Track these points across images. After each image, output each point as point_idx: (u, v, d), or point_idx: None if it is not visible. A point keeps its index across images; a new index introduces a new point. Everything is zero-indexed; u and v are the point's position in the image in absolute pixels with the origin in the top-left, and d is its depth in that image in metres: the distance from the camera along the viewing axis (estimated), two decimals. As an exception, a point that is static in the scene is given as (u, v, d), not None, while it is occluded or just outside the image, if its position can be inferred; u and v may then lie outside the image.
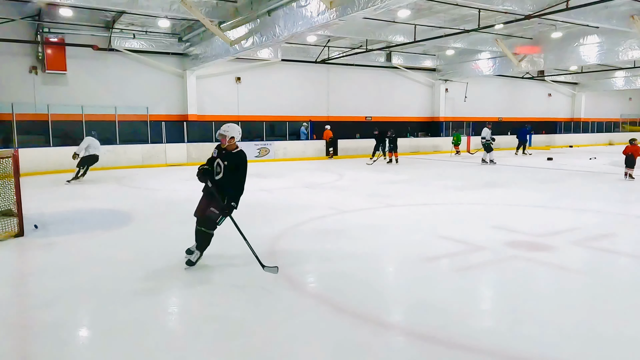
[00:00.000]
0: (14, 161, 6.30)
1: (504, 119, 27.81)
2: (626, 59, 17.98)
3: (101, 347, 3.34)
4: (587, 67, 25.94)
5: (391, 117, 23.99)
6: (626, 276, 5.02)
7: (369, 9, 9.41)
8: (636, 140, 11.99)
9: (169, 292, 4.46)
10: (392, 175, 13.76)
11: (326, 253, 5.65)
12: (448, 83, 25.34)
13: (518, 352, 3.22)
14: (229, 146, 4.83)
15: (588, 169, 15.17)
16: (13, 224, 6.31)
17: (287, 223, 7.18)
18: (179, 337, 3.50)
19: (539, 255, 5.47)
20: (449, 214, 8.21)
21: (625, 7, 13.75)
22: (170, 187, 11.61)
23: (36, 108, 15.67)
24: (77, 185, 11.77)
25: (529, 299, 4.19)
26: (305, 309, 3.99)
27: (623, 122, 34.00)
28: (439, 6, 14.37)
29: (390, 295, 4.45)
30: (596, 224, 7.30)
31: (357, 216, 7.96)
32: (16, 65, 15.81)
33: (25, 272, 5.18)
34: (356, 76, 22.86)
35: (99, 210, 8.43)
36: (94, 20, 16.08)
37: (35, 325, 3.69)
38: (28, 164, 12.47)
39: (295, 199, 9.77)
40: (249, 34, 13.48)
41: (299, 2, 11.23)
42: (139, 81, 17.91)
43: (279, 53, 18.66)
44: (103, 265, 5.18)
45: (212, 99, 19.54)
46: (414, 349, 3.34)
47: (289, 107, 21.19)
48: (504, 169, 15.49)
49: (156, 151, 16.88)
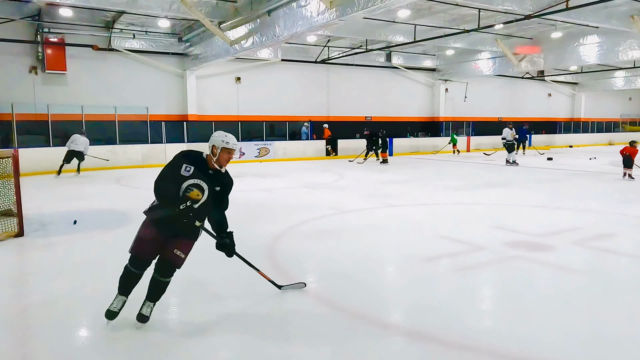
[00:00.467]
0: (14, 161, 6.30)
1: (504, 119, 27.76)
2: (626, 59, 17.96)
3: (101, 347, 3.34)
4: (587, 67, 25.92)
5: (391, 117, 23.99)
6: (626, 276, 5.02)
7: (369, 9, 9.41)
8: (636, 143, 12.02)
9: (168, 292, 4.45)
10: (392, 175, 13.76)
11: (326, 253, 5.65)
12: (448, 83, 25.33)
13: (518, 352, 3.22)
14: (219, 163, 3.51)
15: (588, 169, 15.17)
16: (13, 224, 6.31)
17: (287, 223, 7.17)
18: (179, 337, 3.50)
19: (539, 255, 5.47)
20: (449, 214, 8.21)
21: (625, 7, 13.74)
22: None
23: (36, 108, 15.65)
24: (77, 185, 11.77)
25: (529, 299, 4.19)
26: (305, 309, 3.99)
27: (623, 122, 33.98)
28: (439, 6, 14.36)
29: (390, 295, 4.45)
30: (596, 224, 7.30)
31: (357, 216, 7.96)
32: (16, 65, 15.79)
33: (25, 272, 5.18)
34: (356, 76, 22.85)
35: (99, 210, 8.42)
36: (93, 20, 16.07)
37: (35, 325, 3.69)
38: (28, 164, 12.46)
39: (295, 199, 9.77)
40: (249, 34, 13.47)
41: (299, 2, 11.23)
42: (139, 81, 17.89)
43: (279, 53, 18.65)
44: (103, 265, 5.17)
45: (212, 99, 19.53)
46: (414, 349, 3.34)
47: (289, 107, 21.18)
48: (504, 169, 15.49)
49: (156, 151, 16.87)
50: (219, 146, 3.48)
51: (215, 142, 3.49)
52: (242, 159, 18.38)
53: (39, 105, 15.75)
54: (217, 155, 3.49)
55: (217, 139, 3.50)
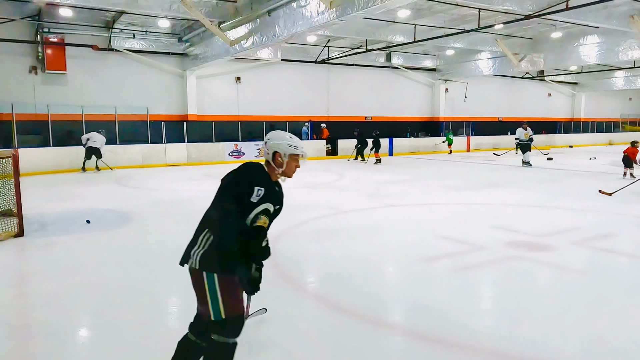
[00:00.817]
0: (14, 161, 6.30)
1: (504, 119, 27.81)
2: (626, 59, 17.98)
3: (101, 347, 3.34)
4: (587, 67, 25.93)
5: (391, 117, 23.99)
6: (626, 276, 5.02)
7: (369, 9, 9.41)
8: (637, 143, 12.06)
9: (168, 292, 4.46)
10: (392, 175, 13.76)
11: (326, 253, 5.65)
12: (448, 83, 25.33)
13: (518, 352, 3.22)
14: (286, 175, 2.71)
15: (588, 169, 15.17)
16: (13, 224, 6.31)
17: (286, 223, 7.16)
18: (179, 337, 3.49)
19: (539, 255, 5.47)
20: (449, 214, 8.21)
21: (625, 7, 13.74)
22: (170, 187, 11.60)
23: (36, 108, 15.65)
24: (77, 185, 11.78)
25: (529, 299, 4.19)
26: (305, 309, 3.99)
27: (623, 122, 33.99)
28: (439, 6, 14.36)
29: (390, 295, 4.44)
30: (596, 224, 7.30)
31: (357, 216, 7.96)
32: (16, 65, 15.80)
33: (25, 272, 5.18)
34: (356, 76, 22.86)
35: (99, 210, 8.42)
36: (93, 20, 16.07)
37: (35, 325, 3.69)
38: (28, 164, 12.47)
39: (295, 199, 9.75)
40: (248, 34, 13.47)
41: (299, 2, 11.23)
42: (139, 81, 17.90)
43: (279, 53, 18.64)
44: (103, 265, 5.18)
45: (212, 99, 19.53)
46: (414, 349, 3.34)
47: (289, 107, 21.19)
48: (504, 169, 15.49)
49: (156, 151, 16.87)
50: (286, 152, 2.59)
51: (280, 148, 2.59)
52: (242, 159, 18.39)
53: (39, 105, 15.74)
54: (283, 166, 2.61)
55: (281, 144, 2.59)
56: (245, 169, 2.54)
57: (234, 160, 18.17)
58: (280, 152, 2.59)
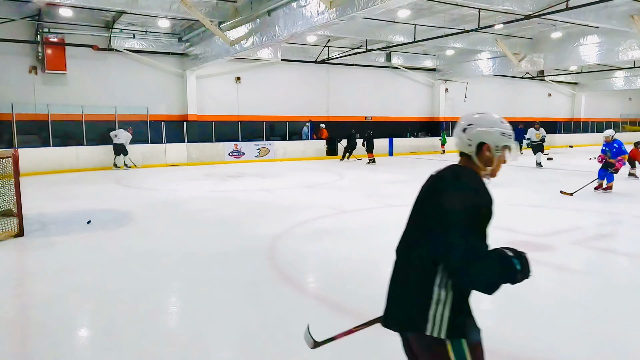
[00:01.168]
0: (14, 161, 6.30)
1: (504, 119, 27.77)
2: (626, 59, 17.97)
3: (101, 347, 3.34)
4: (587, 67, 25.92)
5: (391, 117, 23.99)
6: (626, 276, 5.02)
7: (369, 9, 9.41)
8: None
9: (168, 292, 4.46)
10: (392, 175, 13.76)
11: (326, 253, 5.64)
12: (448, 83, 25.33)
13: (518, 352, 3.22)
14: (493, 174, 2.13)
15: (588, 169, 15.16)
16: (13, 224, 6.31)
17: (287, 223, 7.17)
18: (179, 337, 3.50)
19: (539, 255, 5.47)
20: (449, 214, 8.19)
21: (625, 7, 13.74)
22: (170, 187, 11.60)
23: (36, 108, 15.66)
24: (77, 185, 11.79)
25: (529, 299, 4.18)
26: (305, 309, 3.99)
27: (623, 122, 33.98)
28: (439, 6, 14.36)
29: (390, 295, 4.44)
30: (596, 224, 7.30)
31: (357, 216, 7.96)
32: (16, 65, 15.79)
33: (25, 272, 5.18)
34: (356, 76, 22.85)
35: (99, 210, 8.41)
36: (93, 20, 16.06)
37: (35, 325, 3.69)
38: (28, 164, 12.47)
39: (295, 199, 9.76)
40: (248, 34, 13.47)
41: (298, 2, 11.23)
42: (139, 81, 17.89)
43: (279, 53, 18.64)
44: (103, 265, 5.18)
45: (212, 99, 19.52)
46: (414, 349, 3.34)
47: (289, 107, 21.18)
48: (503, 169, 15.45)
49: (156, 151, 16.88)
50: (499, 144, 1.93)
51: (492, 138, 1.92)
52: (242, 159, 18.40)
53: (39, 105, 15.75)
54: (493, 163, 1.99)
55: (493, 132, 1.92)
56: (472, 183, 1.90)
57: (234, 160, 18.18)
58: (491, 145, 1.91)
